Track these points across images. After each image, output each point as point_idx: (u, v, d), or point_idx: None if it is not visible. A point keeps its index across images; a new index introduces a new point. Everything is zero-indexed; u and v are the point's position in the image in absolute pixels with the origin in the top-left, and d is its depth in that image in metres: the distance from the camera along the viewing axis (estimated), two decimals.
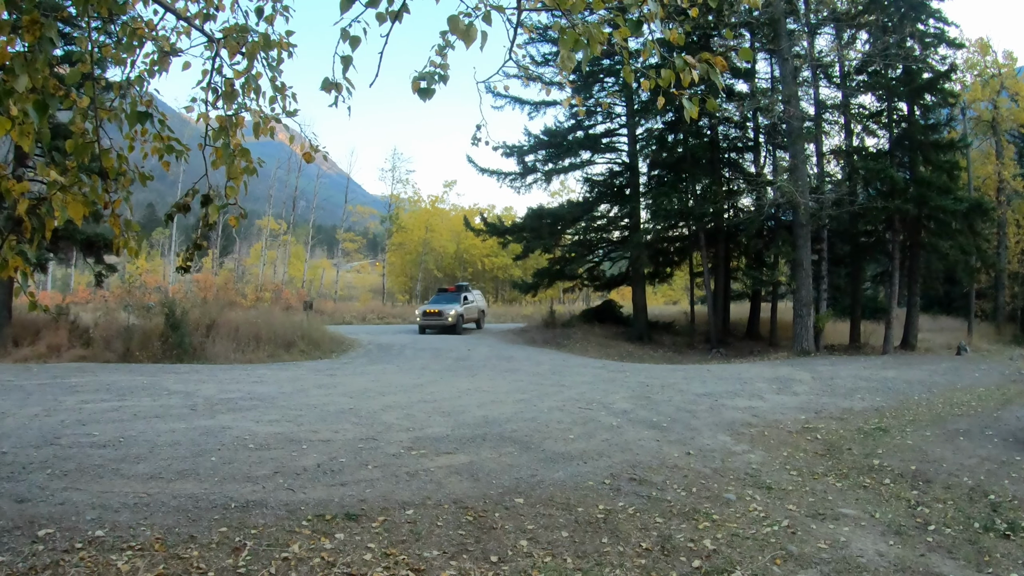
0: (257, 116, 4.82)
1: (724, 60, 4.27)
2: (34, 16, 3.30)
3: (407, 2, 3.83)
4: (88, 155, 3.89)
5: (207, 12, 4.75)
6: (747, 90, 27.47)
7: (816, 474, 7.69)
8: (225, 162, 4.46)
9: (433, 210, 59.12)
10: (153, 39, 4.74)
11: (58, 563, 4.61)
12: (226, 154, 4.45)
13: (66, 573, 4.49)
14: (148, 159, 4.80)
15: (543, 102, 30.40)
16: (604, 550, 5.39)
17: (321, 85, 4.24)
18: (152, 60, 4.82)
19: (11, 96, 3.22)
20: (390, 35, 3.98)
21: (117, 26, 4.62)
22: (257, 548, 5.05)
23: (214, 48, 4.46)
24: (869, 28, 25.35)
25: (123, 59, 4.59)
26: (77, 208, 3.74)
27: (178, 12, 4.60)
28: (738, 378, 15.36)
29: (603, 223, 32.38)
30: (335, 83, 4.25)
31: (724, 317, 30.75)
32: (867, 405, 11.82)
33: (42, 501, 5.70)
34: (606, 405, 11.25)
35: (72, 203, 3.73)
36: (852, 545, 5.67)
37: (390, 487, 6.61)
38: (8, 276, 3.72)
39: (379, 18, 3.79)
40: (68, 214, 3.71)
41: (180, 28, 4.84)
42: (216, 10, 4.81)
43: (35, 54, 3.34)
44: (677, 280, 40.35)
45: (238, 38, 4.31)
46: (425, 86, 4.09)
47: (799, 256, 23.62)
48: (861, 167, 24.66)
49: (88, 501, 5.75)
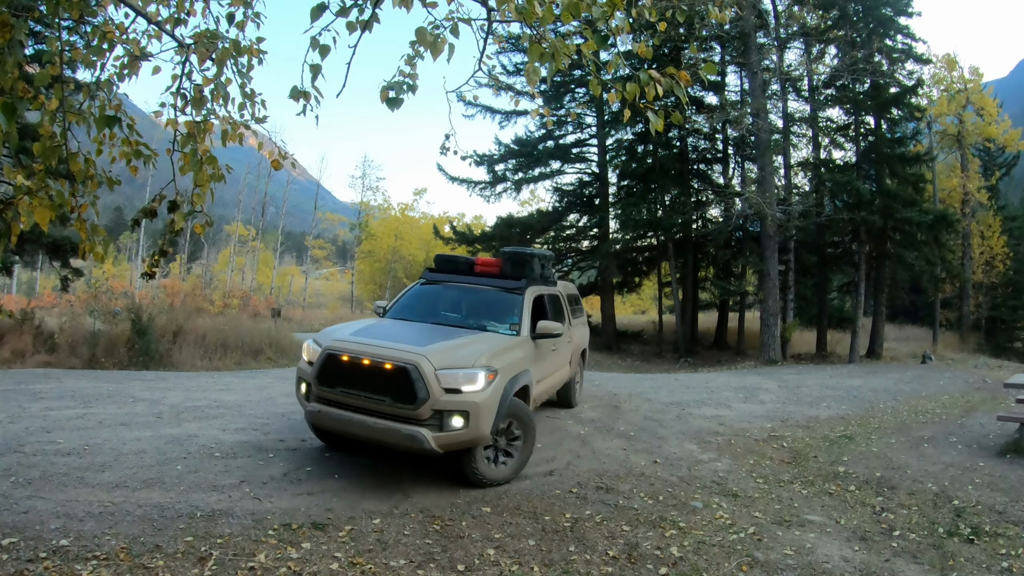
0: (226, 122, 4.82)
1: (689, 74, 4.33)
2: (4, 17, 3.28)
3: (377, 12, 3.84)
4: (56, 158, 3.87)
5: (178, 17, 4.74)
6: (717, 102, 27.69)
7: (782, 481, 7.76)
8: (193, 168, 4.45)
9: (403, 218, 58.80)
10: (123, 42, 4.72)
11: (22, 573, 4.55)
12: (194, 160, 4.45)
13: None
14: (116, 163, 4.77)
15: (514, 111, 30.49)
16: (571, 558, 5.41)
17: (290, 93, 4.25)
18: (122, 63, 4.80)
19: None
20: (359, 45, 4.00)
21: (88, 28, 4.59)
22: (223, 558, 5.01)
23: (184, 53, 4.45)
24: (838, 43, 25.70)
25: (93, 61, 4.56)
26: (44, 212, 3.71)
27: (149, 16, 4.58)
28: (705, 387, 15.43)
29: (572, 233, 32.49)
30: (304, 91, 4.27)
31: (692, 326, 30.92)
32: (833, 413, 11.94)
33: (5, 510, 5.61)
34: (574, 414, 11.25)
35: (39, 207, 3.70)
36: (818, 551, 5.73)
37: (357, 496, 6.59)
38: None
39: (349, 27, 3.82)
40: (35, 218, 3.68)
41: (151, 32, 4.82)
42: (187, 15, 4.80)
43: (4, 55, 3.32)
44: (646, 290, 40.45)
45: (208, 44, 4.30)
46: (394, 95, 4.11)
47: (766, 266, 23.82)
48: (828, 179, 24.95)
49: (52, 510, 5.66)
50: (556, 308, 10.05)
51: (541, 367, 8.53)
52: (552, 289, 10.12)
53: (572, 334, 10.58)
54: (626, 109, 4.69)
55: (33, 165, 3.97)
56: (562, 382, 10.39)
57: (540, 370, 8.48)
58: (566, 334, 9.86)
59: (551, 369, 9.23)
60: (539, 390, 8.50)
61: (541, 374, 8.53)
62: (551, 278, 10.29)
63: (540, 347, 8.49)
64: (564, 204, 32.13)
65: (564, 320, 10.14)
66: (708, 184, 30.76)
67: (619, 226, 30.97)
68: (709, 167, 31.87)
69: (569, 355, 10.50)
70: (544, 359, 8.69)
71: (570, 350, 10.50)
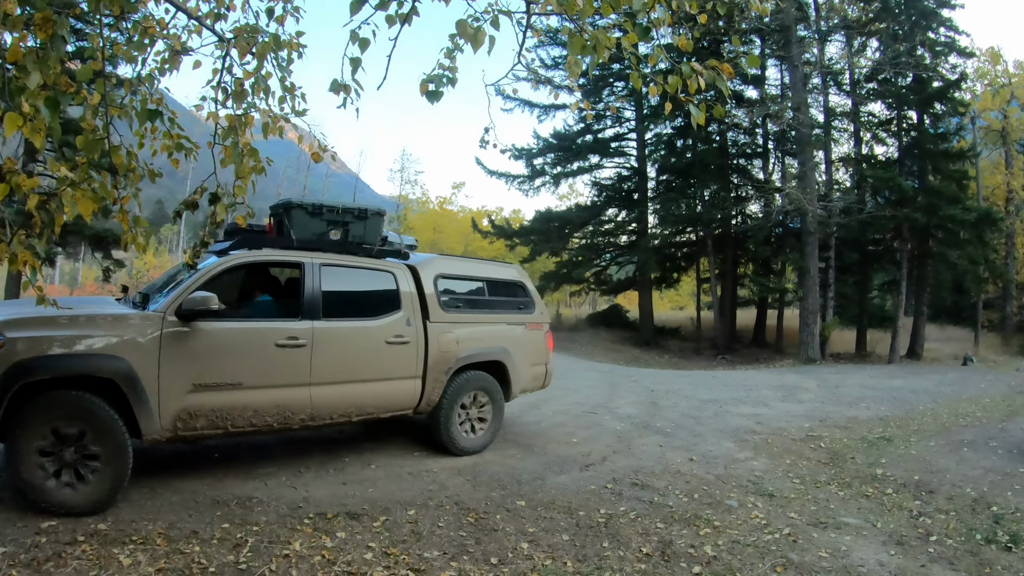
0: (266, 116, 4.85)
1: (732, 67, 4.29)
2: (46, 13, 3.33)
3: (416, 5, 3.85)
4: (98, 151, 3.92)
5: (218, 12, 4.79)
6: (757, 96, 27.43)
7: (819, 482, 7.67)
8: (234, 161, 4.49)
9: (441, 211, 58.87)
10: (164, 37, 4.78)
11: (60, 555, 4.64)
12: (235, 153, 4.48)
13: (68, 564, 4.51)
14: (158, 156, 4.83)
15: (552, 105, 30.38)
16: (604, 554, 5.39)
17: (330, 86, 4.27)
18: (163, 58, 4.86)
19: (23, 92, 3.25)
20: (399, 37, 4.00)
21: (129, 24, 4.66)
22: (259, 544, 5.07)
23: (225, 48, 4.48)
24: (879, 36, 25.23)
25: (134, 57, 4.63)
26: (87, 204, 3.77)
27: (189, 11, 4.63)
28: (743, 385, 15.33)
29: (611, 227, 32.37)
30: (344, 84, 4.28)
31: (731, 323, 30.61)
32: (872, 414, 11.78)
33: None
34: (611, 410, 11.24)
35: (82, 199, 3.76)
36: (853, 554, 5.65)
37: (392, 487, 6.64)
38: (17, 270, 3.76)
39: (388, 20, 3.82)
40: (78, 210, 3.74)
41: (191, 27, 4.88)
42: (227, 10, 4.85)
43: (47, 51, 3.38)
44: (684, 286, 40.20)
45: (248, 38, 4.34)
46: (433, 89, 4.10)
47: (806, 264, 23.55)
48: (870, 175, 24.57)
49: None
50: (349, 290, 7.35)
51: (212, 362, 6.07)
52: (337, 259, 7.20)
53: (416, 334, 7.57)
54: (667, 103, 4.65)
55: (76, 158, 4.03)
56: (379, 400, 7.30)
57: (212, 366, 6.06)
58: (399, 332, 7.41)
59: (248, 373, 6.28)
60: (215, 400, 6.06)
61: (220, 371, 6.11)
62: (363, 242, 7.55)
63: (203, 332, 5.99)
64: (603, 199, 32.03)
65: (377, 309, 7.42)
66: (748, 179, 30.46)
67: (658, 221, 30.84)
68: (749, 162, 31.45)
69: (415, 364, 7.56)
70: (217, 353, 6.11)
71: (414, 357, 7.53)
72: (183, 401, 5.86)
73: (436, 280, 8.02)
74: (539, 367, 9.13)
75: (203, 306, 5.85)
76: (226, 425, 6.15)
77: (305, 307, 6.74)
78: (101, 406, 5.45)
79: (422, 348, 7.62)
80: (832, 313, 25.12)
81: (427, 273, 7.95)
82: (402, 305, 7.55)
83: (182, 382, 5.85)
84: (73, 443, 5.35)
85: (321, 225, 7.22)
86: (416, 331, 7.58)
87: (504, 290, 8.98)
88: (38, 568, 4.45)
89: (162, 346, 5.77)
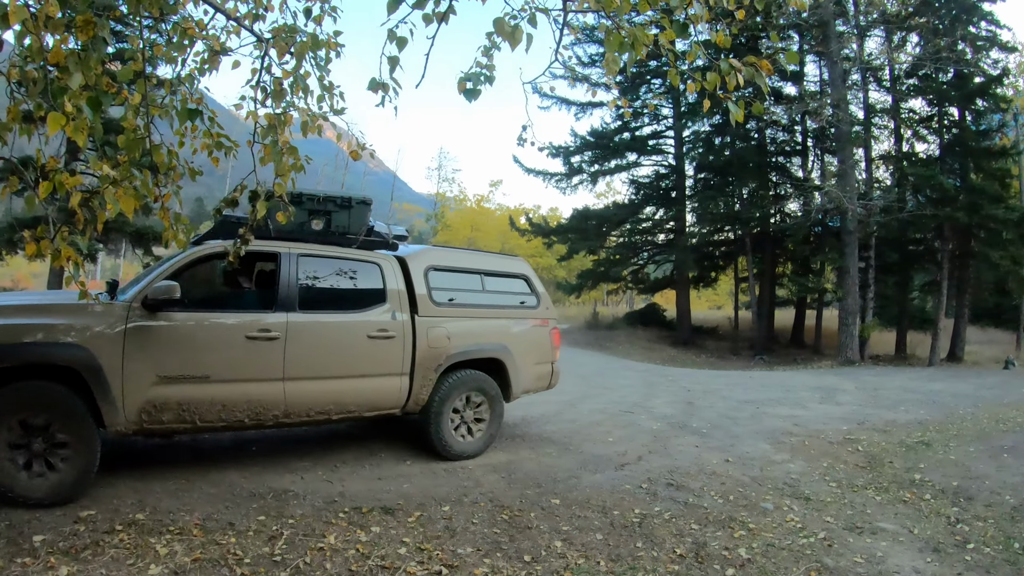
0: (305, 114, 4.91)
1: (770, 63, 4.25)
2: (87, 16, 3.40)
3: (453, 3, 3.87)
4: (139, 150, 3.99)
5: (256, 13, 4.86)
6: (796, 93, 27.10)
7: (856, 486, 7.57)
8: (273, 159, 4.55)
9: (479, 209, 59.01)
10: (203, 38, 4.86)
11: (98, 543, 4.75)
12: (274, 151, 4.54)
13: (105, 553, 4.61)
14: (198, 155, 4.92)
15: (589, 103, 30.38)
16: (638, 554, 5.38)
17: (368, 85, 4.30)
18: (202, 59, 4.95)
19: (65, 93, 3.32)
20: (436, 36, 4.02)
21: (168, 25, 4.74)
22: (294, 537, 5.13)
23: (263, 48, 4.54)
24: (920, 31, 24.66)
25: (174, 57, 4.72)
26: (128, 201, 3.84)
27: (228, 12, 4.70)
28: (781, 386, 15.19)
29: (648, 226, 32.21)
30: (382, 83, 4.31)
31: (769, 323, 30.30)
32: (911, 418, 11.60)
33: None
34: (647, 409, 11.20)
35: (124, 196, 3.84)
36: (889, 560, 5.58)
37: (427, 483, 6.68)
38: (60, 265, 3.84)
39: (425, 19, 3.84)
40: (120, 207, 3.81)
41: (230, 28, 4.96)
42: (265, 11, 4.92)
43: (88, 52, 3.45)
44: (722, 285, 39.89)
45: (287, 38, 4.39)
46: (471, 87, 4.11)
47: (846, 263, 23.23)
48: (911, 173, 24.15)
49: (130, 485, 5.90)
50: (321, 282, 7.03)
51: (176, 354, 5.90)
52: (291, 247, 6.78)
53: (403, 327, 7.24)
54: (705, 100, 4.62)
55: (118, 157, 4.11)
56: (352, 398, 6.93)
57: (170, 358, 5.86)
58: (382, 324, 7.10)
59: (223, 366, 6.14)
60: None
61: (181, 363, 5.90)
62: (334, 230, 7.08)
63: (169, 323, 5.88)
64: (640, 197, 31.87)
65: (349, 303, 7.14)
66: (787, 177, 30.10)
67: (696, 220, 30.69)
68: (788, 160, 31.03)
69: (400, 360, 7.21)
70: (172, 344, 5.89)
71: (399, 353, 7.18)
72: (148, 393, 5.72)
73: (427, 272, 7.68)
74: (544, 366, 8.69)
75: (166, 296, 5.69)
76: (194, 419, 5.98)
77: (280, 299, 6.52)
78: (68, 396, 5.41)
79: (409, 344, 7.25)
80: (872, 314, 24.71)
81: (417, 265, 7.63)
82: (387, 298, 7.24)
83: (147, 374, 5.71)
84: (40, 433, 5.31)
85: (302, 214, 6.76)
86: (402, 325, 7.23)
87: (506, 284, 8.59)
88: (76, 556, 4.55)
89: (127, 336, 5.65)
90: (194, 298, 6.29)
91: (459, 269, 8.13)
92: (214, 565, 4.59)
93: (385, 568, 4.77)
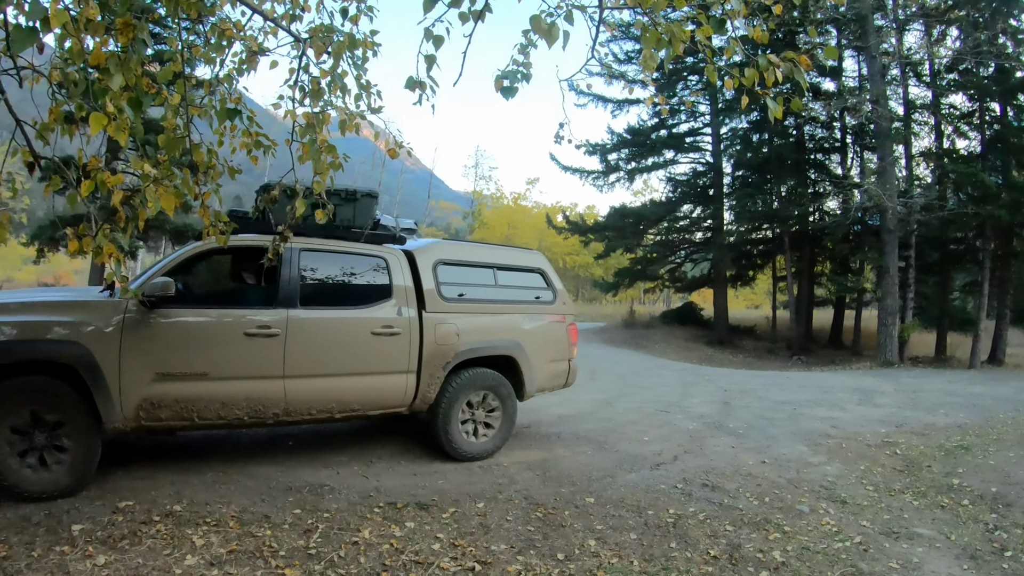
0: (343, 113, 4.95)
1: (809, 59, 4.21)
2: (127, 19, 3.46)
3: (489, 1, 3.88)
4: (179, 149, 4.06)
5: (293, 13, 4.92)
6: (834, 89, 26.69)
7: (893, 490, 7.46)
8: (312, 157, 4.60)
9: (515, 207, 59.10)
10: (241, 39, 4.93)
11: (135, 533, 4.85)
12: (313, 150, 4.59)
13: (143, 543, 4.70)
14: (237, 153, 4.99)
15: (626, 100, 30.21)
16: (672, 555, 5.35)
17: (406, 83, 4.32)
18: (240, 59, 5.02)
19: (107, 94, 3.39)
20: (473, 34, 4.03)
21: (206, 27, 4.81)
22: (328, 531, 5.19)
23: (300, 48, 4.59)
24: (959, 24, 23.94)
25: (212, 58, 4.80)
26: (169, 200, 3.91)
27: (265, 13, 4.76)
28: (819, 387, 15.02)
29: (686, 224, 32.00)
30: (419, 81, 4.33)
31: (807, 323, 29.92)
32: (950, 421, 11.41)
33: (125, 476, 6.01)
34: (684, 408, 11.15)
35: (164, 195, 3.91)
36: (925, 567, 5.49)
37: (462, 479, 6.72)
38: (101, 262, 3.92)
39: (461, 17, 3.85)
40: (160, 205, 3.88)
41: (267, 28, 5.03)
42: (302, 11, 4.98)
43: (128, 54, 3.51)
44: (759, 284, 39.48)
45: (324, 38, 4.43)
46: (508, 85, 4.11)
47: (886, 262, 22.82)
48: (952, 170, 23.55)
49: (169, 478, 6.02)
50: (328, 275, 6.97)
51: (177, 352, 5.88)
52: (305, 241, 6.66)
53: (409, 321, 7.09)
54: (743, 96, 4.58)
55: (158, 156, 4.18)
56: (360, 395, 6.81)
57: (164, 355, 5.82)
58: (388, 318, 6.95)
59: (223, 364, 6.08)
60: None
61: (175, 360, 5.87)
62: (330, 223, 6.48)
63: (166, 319, 5.83)
64: (678, 194, 31.68)
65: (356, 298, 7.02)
66: (826, 175, 29.55)
67: (734, 218, 30.44)
68: (827, 157, 30.50)
69: (407, 357, 7.05)
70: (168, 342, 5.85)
71: (405, 349, 7.03)
72: (146, 390, 5.68)
73: (436, 266, 7.48)
74: (560, 363, 8.42)
75: (162, 292, 5.63)
76: (192, 416, 5.91)
77: (280, 294, 6.40)
78: (67, 392, 5.42)
79: (416, 340, 7.07)
80: (911, 315, 24.22)
81: (425, 259, 7.43)
82: (393, 293, 7.07)
83: (145, 371, 5.67)
84: (45, 428, 5.37)
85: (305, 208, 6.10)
86: (409, 322, 7.05)
87: (520, 278, 8.32)
88: (114, 545, 4.64)
89: (124, 333, 5.61)
90: (192, 294, 6.34)
91: (470, 263, 7.94)
92: (249, 557, 4.66)
93: (419, 563, 4.80)
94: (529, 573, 4.83)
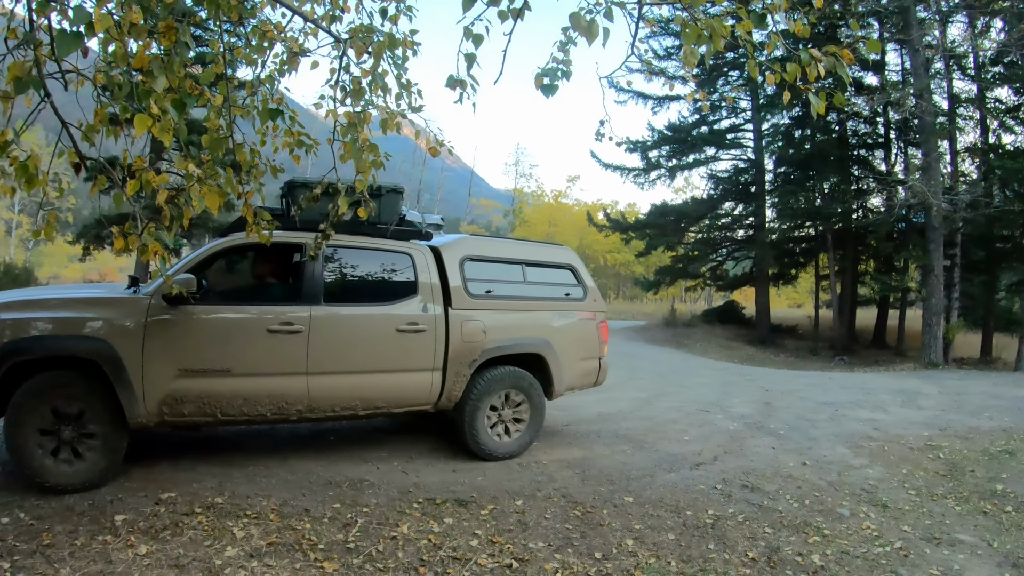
0: (384, 112, 4.98)
1: (851, 52, 4.15)
2: (169, 22, 3.53)
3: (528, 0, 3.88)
4: (223, 149, 4.13)
5: (333, 14, 4.96)
6: (877, 83, 26.19)
7: (935, 495, 7.34)
8: (353, 156, 4.64)
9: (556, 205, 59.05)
10: (282, 40, 4.99)
11: (177, 524, 4.95)
12: (354, 149, 4.63)
13: (184, 534, 4.80)
14: (279, 153, 5.05)
15: (666, 97, 29.91)
16: (710, 556, 5.33)
17: (446, 82, 4.34)
18: (281, 60, 5.08)
19: (151, 96, 3.46)
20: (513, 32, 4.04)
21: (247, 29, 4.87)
22: (367, 525, 5.25)
23: (341, 48, 4.63)
24: (1003, 15, 23.34)
25: (254, 59, 4.86)
26: (213, 198, 3.98)
27: (305, 15, 4.80)
28: (862, 388, 14.81)
29: (727, 221, 31.61)
30: (459, 80, 4.35)
31: (850, 323, 29.36)
32: (995, 425, 11.18)
33: (169, 468, 6.15)
34: (724, 408, 11.07)
35: (208, 194, 3.98)
36: (966, 574, 5.42)
37: (501, 476, 6.75)
38: (147, 259, 4.00)
39: (501, 16, 3.86)
40: (204, 204, 3.95)
41: (307, 30, 5.08)
42: (342, 12, 5.02)
43: (171, 57, 3.58)
44: (802, 283, 39.02)
45: (364, 38, 4.47)
46: (548, 82, 4.11)
47: (931, 261, 22.32)
48: (998, 166, 22.86)
49: (210, 471, 6.14)
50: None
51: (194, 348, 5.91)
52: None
53: (434, 319, 7.00)
54: (785, 91, 4.52)
55: (202, 156, 4.26)
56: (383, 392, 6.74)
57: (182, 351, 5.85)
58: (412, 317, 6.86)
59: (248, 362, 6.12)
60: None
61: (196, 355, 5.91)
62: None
63: (189, 316, 5.87)
64: (719, 191, 31.32)
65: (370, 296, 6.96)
66: (869, 171, 28.93)
67: (776, 215, 30.00)
68: (870, 153, 29.89)
69: (432, 354, 6.98)
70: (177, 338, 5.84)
71: (431, 347, 6.96)
72: (169, 386, 5.72)
73: (463, 263, 7.38)
74: (590, 362, 8.26)
75: (185, 289, 5.52)
76: (215, 413, 5.94)
77: (304, 291, 6.39)
78: (92, 387, 5.51)
79: (442, 337, 6.99)
80: (957, 315, 23.62)
81: (452, 255, 7.33)
82: (419, 290, 6.99)
83: (168, 367, 5.72)
84: (71, 422, 5.45)
85: (326, 204, 5.86)
86: (434, 319, 6.97)
87: (550, 274, 8.18)
88: (155, 536, 4.74)
89: (147, 330, 5.66)
90: (216, 291, 6.31)
91: (498, 259, 7.82)
92: (289, 549, 4.72)
93: (456, 559, 4.83)
94: (566, 571, 4.84)
